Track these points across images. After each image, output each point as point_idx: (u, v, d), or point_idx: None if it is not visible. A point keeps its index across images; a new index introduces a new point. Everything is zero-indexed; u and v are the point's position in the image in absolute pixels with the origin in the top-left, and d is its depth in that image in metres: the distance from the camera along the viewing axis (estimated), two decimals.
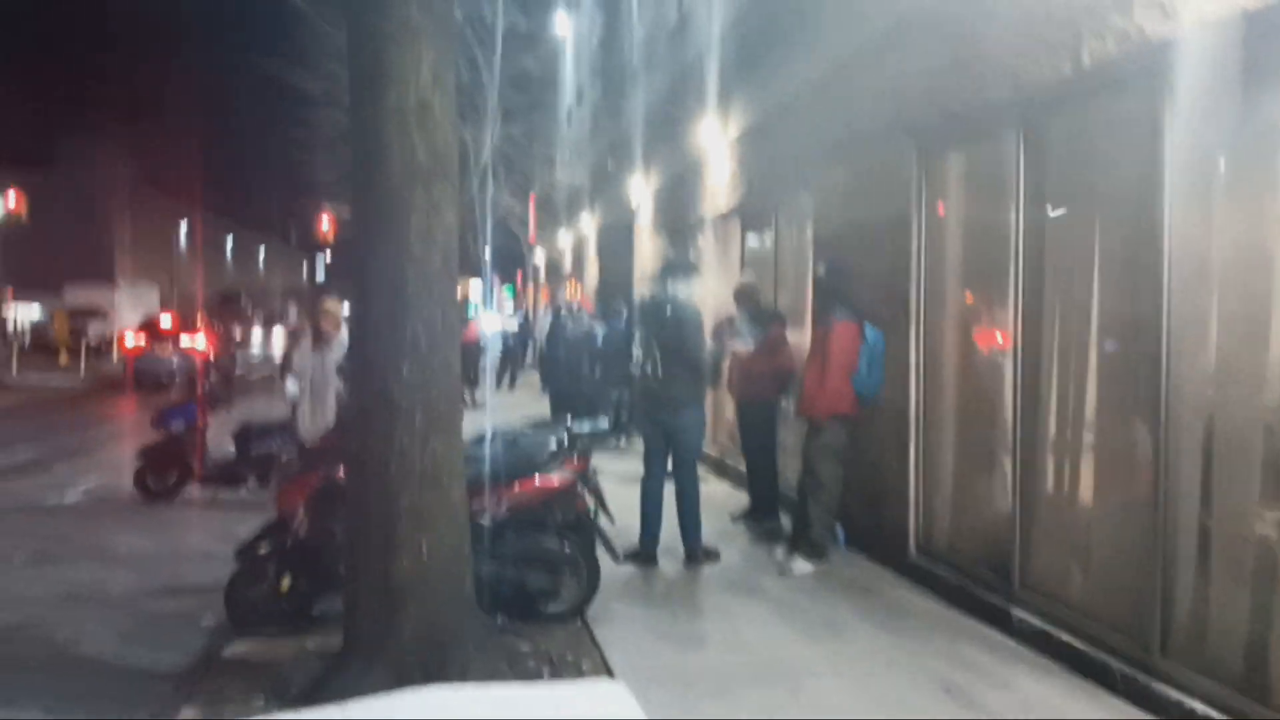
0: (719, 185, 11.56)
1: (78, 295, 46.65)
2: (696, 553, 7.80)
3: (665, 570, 7.66)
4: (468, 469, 5.46)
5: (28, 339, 42.98)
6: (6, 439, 16.83)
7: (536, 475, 6.39)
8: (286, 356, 17.66)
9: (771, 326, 8.93)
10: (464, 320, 22.59)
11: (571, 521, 6.49)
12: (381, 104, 4.93)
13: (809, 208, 9.06)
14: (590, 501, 6.59)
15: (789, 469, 8.93)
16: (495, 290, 39.48)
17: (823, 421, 7.48)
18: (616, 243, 17.20)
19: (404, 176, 4.95)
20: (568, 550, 6.38)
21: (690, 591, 7.22)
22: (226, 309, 57.91)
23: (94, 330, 41.04)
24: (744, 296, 9.08)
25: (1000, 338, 6.33)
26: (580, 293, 34.35)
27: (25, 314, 49.10)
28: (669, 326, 7.60)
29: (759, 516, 8.92)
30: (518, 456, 6.41)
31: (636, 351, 9.87)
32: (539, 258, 37.47)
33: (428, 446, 4.99)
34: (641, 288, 16.02)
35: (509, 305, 43.40)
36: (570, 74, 21.70)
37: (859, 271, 7.67)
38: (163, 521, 10.45)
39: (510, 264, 41.66)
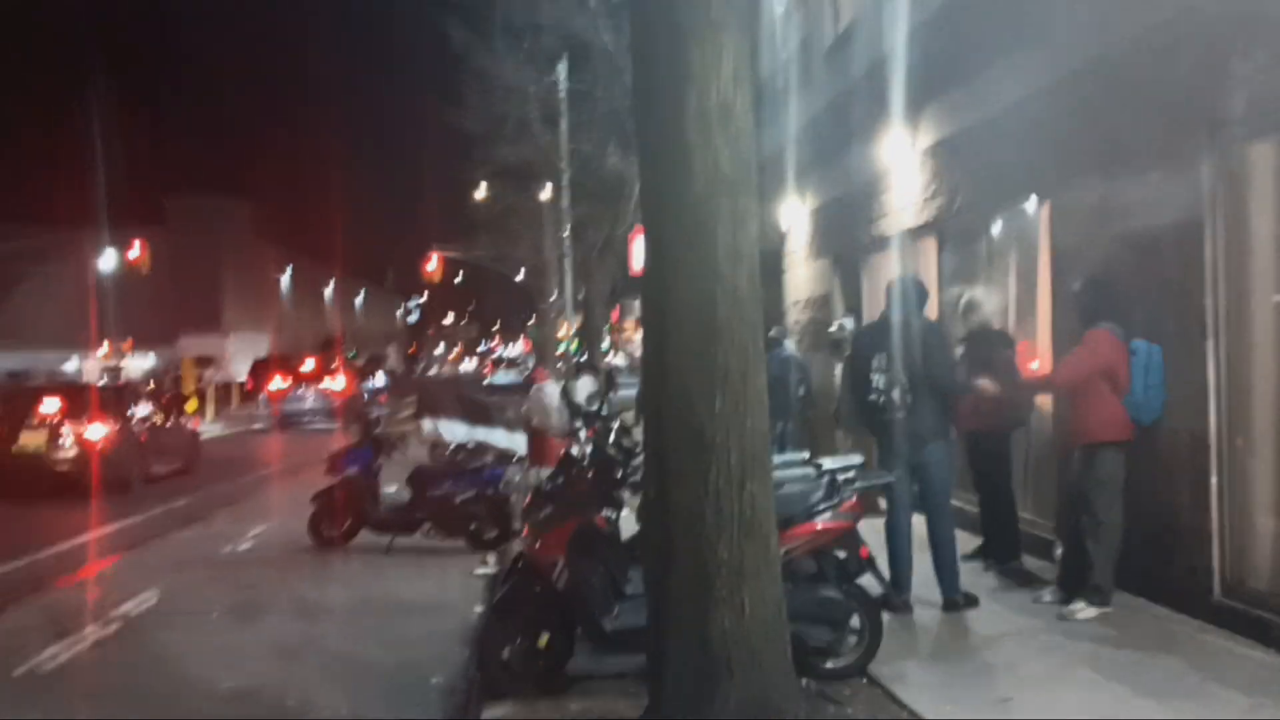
0: (904, 201, 10.91)
1: (193, 344, 47.65)
2: (957, 599, 7.11)
3: (924, 619, 6.97)
4: None
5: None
6: (163, 488, 16.78)
7: (814, 520, 5.79)
8: (422, 398, 17.48)
9: (1000, 350, 8.22)
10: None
11: (852, 570, 5.88)
12: (681, 107, 4.43)
13: (1041, 218, 8.37)
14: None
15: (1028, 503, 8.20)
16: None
17: (1095, 450, 6.76)
18: (762, 270, 16.60)
19: (708, 187, 4.43)
20: (850, 601, 5.76)
21: (968, 643, 6.53)
22: (327, 353, 58.86)
23: (208, 378, 41.87)
24: (967, 316, 8.38)
25: None
26: None
27: (140, 364, 50.29)
28: (912, 352, 6.95)
29: (999, 557, 8.18)
30: (788, 500, 5.80)
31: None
32: None
33: (744, 490, 4.43)
34: (798, 315, 15.40)
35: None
36: None
37: (1127, 283, 6.96)
38: (346, 569, 10.12)
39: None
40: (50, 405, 16.04)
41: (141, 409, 17.64)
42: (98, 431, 15.78)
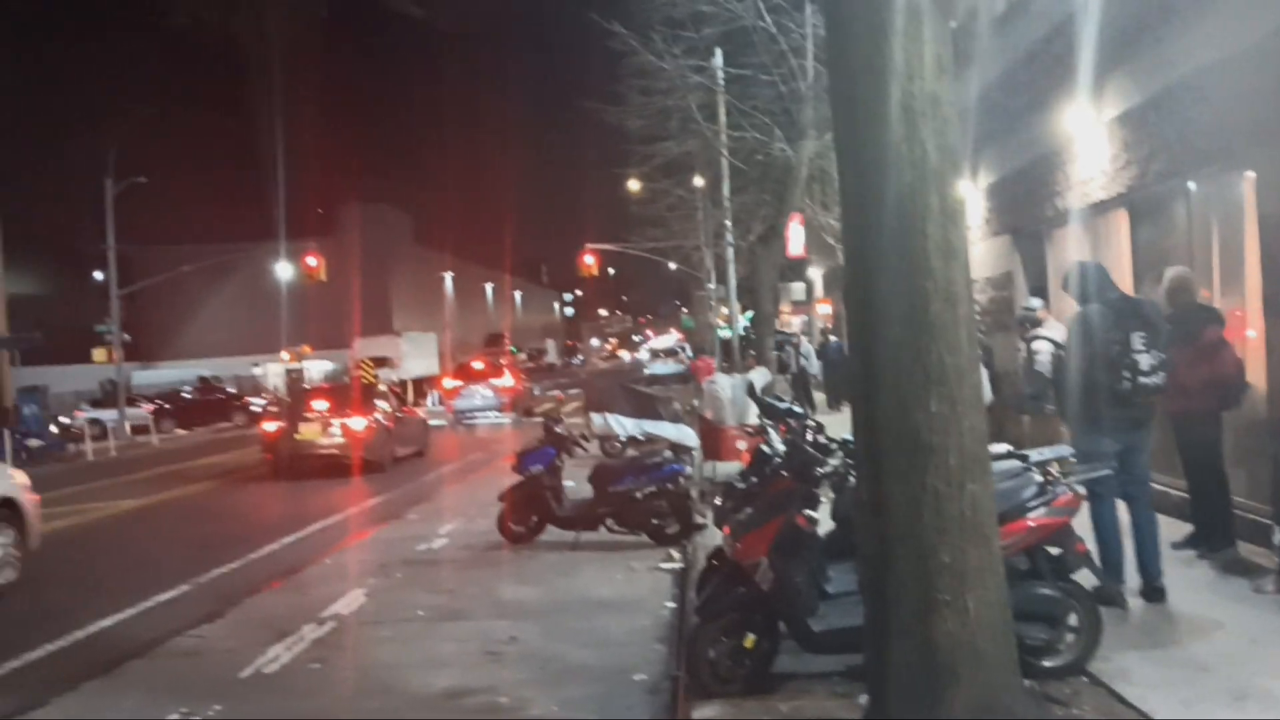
0: (1090, 173, 10.43)
1: (368, 346, 49.51)
2: (1161, 587, 6.81)
3: (1136, 611, 6.66)
4: None
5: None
6: (352, 487, 17.56)
7: (1027, 516, 5.60)
8: (589, 394, 17.63)
9: (1208, 327, 7.76)
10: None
11: (1068, 565, 5.66)
12: (883, 101, 4.32)
13: (1245, 187, 7.87)
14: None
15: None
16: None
17: None
18: None
19: (916, 181, 4.31)
20: (1067, 598, 5.55)
21: (1186, 636, 6.21)
22: (493, 349, 60.46)
23: (384, 377, 43.51)
24: (1177, 292, 7.93)
25: None
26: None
27: (320, 367, 52.63)
28: (1153, 330, 6.63)
29: (1213, 544, 7.75)
30: (998, 496, 5.62)
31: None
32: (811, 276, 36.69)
33: (965, 491, 4.30)
34: (976, 295, 14.92)
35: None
36: None
37: None
38: (536, 567, 10.31)
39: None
40: (321, 403, 19.95)
41: (384, 404, 20.97)
42: (358, 423, 19.41)
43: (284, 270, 48.68)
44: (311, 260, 35.39)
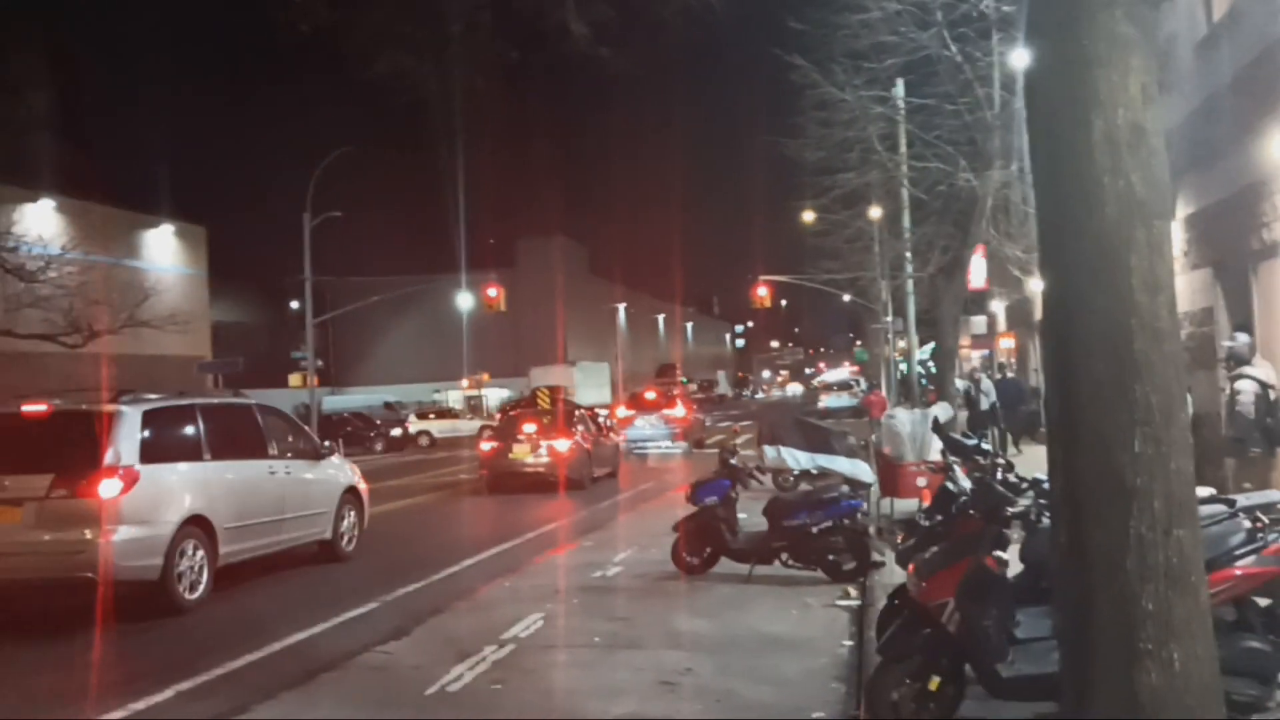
0: None
1: (542, 376, 50.74)
2: None
3: None
4: None
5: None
6: (526, 514, 17.97)
7: (1235, 565, 5.29)
8: (761, 426, 17.61)
9: None
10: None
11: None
12: (1086, 133, 4.18)
13: None
14: None
15: None
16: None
17: None
18: None
19: (1120, 213, 4.16)
20: (1278, 652, 5.21)
21: None
22: (664, 380, 60.94)
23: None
24: None
25: None
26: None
27: (498, 394, 54.26)
28: None
29: None
30: (1207, 541, 5.33)
31: None
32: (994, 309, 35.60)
33: (1171, 537, 4.09)
34: None
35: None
36: None
37: None
38: (710, 599, 10.30)
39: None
40: (530, 427, 22.17)
41: (583, 427, 23.26)
42: (563, 445, 21.58)
43: (465, 300, 50.42)
44: (491, 291, 36.57)
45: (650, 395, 34.92)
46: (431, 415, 49.23)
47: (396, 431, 43.15)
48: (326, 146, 34.53)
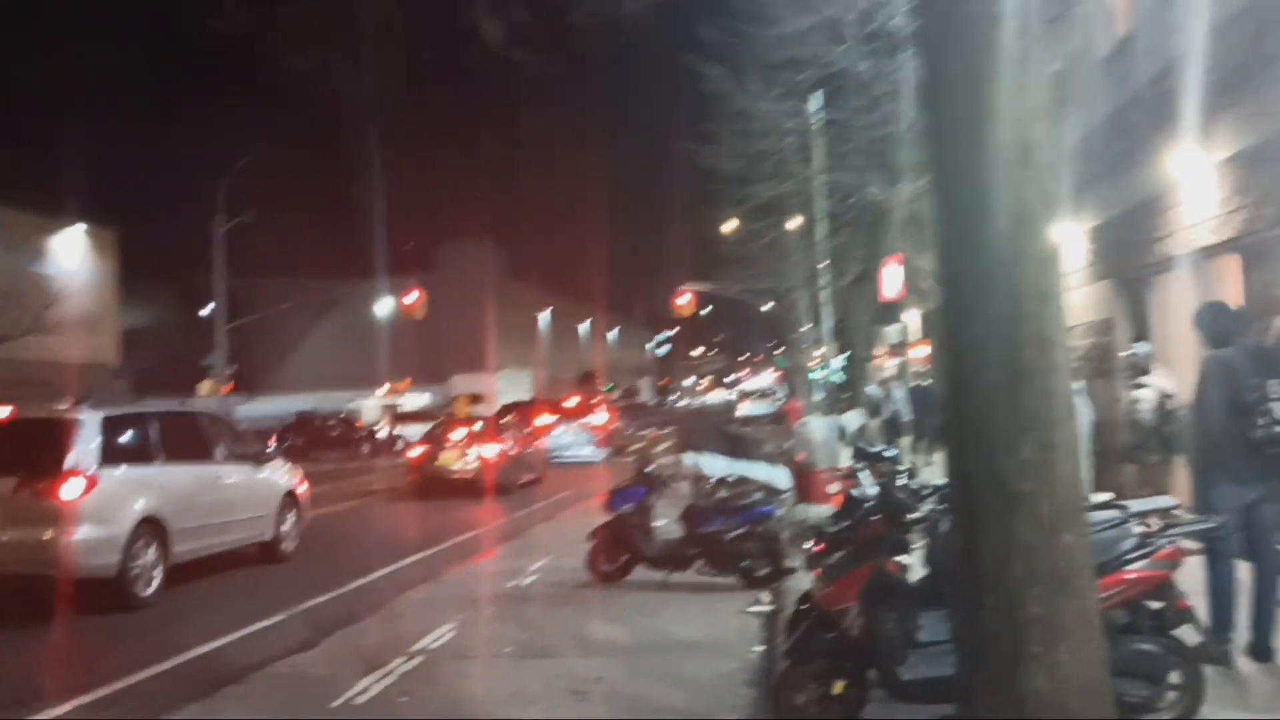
0: (1197, 217, 10.17)
1: (462, 383, 50.38)
2: (1271, 646, 6.55)
3: (1242, 670, 6.42)
4: None
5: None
6: (446, 520, 17.80)
7: (1125, 570, 5.44)
8: (681, 433, 17.59)
9: None
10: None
11: (1169, 620, 5.49)
12: (980, 146, 4.29)
13: None
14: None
15: None
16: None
17: None
18: None
19: (1011, 225, 4.26)
20: (1170, 657, 5.37)
21: None
22: (586, 387, 60.88)
23: (478, 412, 44.10)
24: None
25: None
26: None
27: (416, 402, 53.68)
28: (1260, 386, 6.42)
29: None
30: (1097, 547, 5.47)
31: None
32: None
33: (1058, 542, 4.20)
34: (1075, 341, 14.59)
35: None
36: None
37: None
38: (624, 606, 10.29)
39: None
40: (459, 433, 22.71)
41: (511, 434, 23.79)
42: (491, 451, 22.07)
43: (383, 306, 49.84)
44: (411, 296, 36.16)
45: (571, 402, 34.89)
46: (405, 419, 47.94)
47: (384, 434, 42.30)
48: (244, 149, 33.90)
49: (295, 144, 54.51)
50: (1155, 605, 5.57)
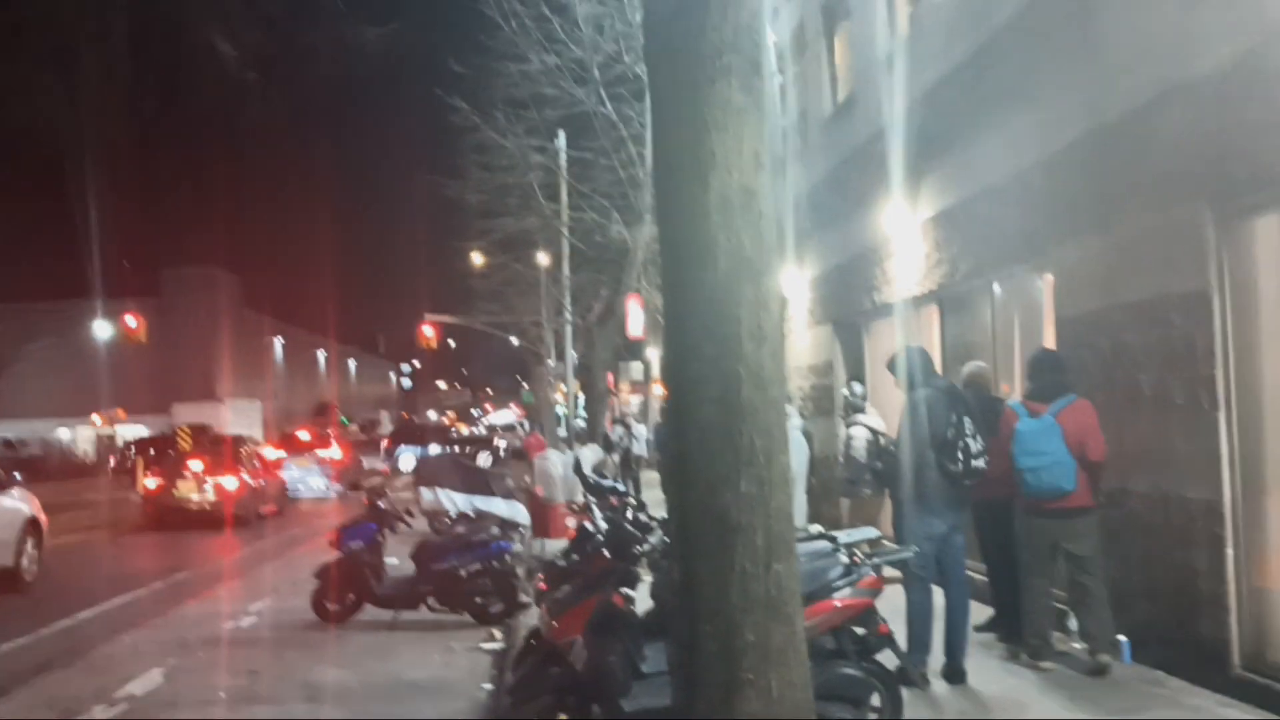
0: (906, 269, 11.02)
1: (185, 413, 47.43)
2: (962, 668, 7.11)
3: (938, 692, 6.93)
4: None
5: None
6: (153, 561, 16.65)
7: (833, 597, 5.75)
8: (419, 468, 17.30)
9: (1002, 419, 8.22)
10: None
11: (871, 645, 5.84)
12: (704, 192, 4.47)
13: (1044, 288, 8.46)
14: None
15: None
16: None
17: (1088, 514, 7.03)
18: None
19: (731, 270, 4.46)
20: (872, 680, 5.71)
21: (981, 713, 6.49)
22: (321, 419, 58.74)
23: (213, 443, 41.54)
24: (972, 386, 8.40)
25: None
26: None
27: (134, 432, 50.07)
28: (975, 418, 7.00)
29: (1013, 627, 8.12)
30: (805, 576, 5.77)
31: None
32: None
33: (770, 571, 4.40)
34: (799, 382, 15.43)
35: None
36: None
37: (1134, 353, 7.03)
38: (351, 648, 9.96)
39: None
40: (197, 464, 22.07)
41: (249, 466, 23.22)
42: (231, 482, 21.64)
43: (101, 330, 46.37)
44: (131, 320, 33.85)
45: (304, 435, 33.56)
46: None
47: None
48: None
49: (14, 162, 49.95)
50: (859, 631, 5.92)
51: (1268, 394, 6.24)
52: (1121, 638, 7.18)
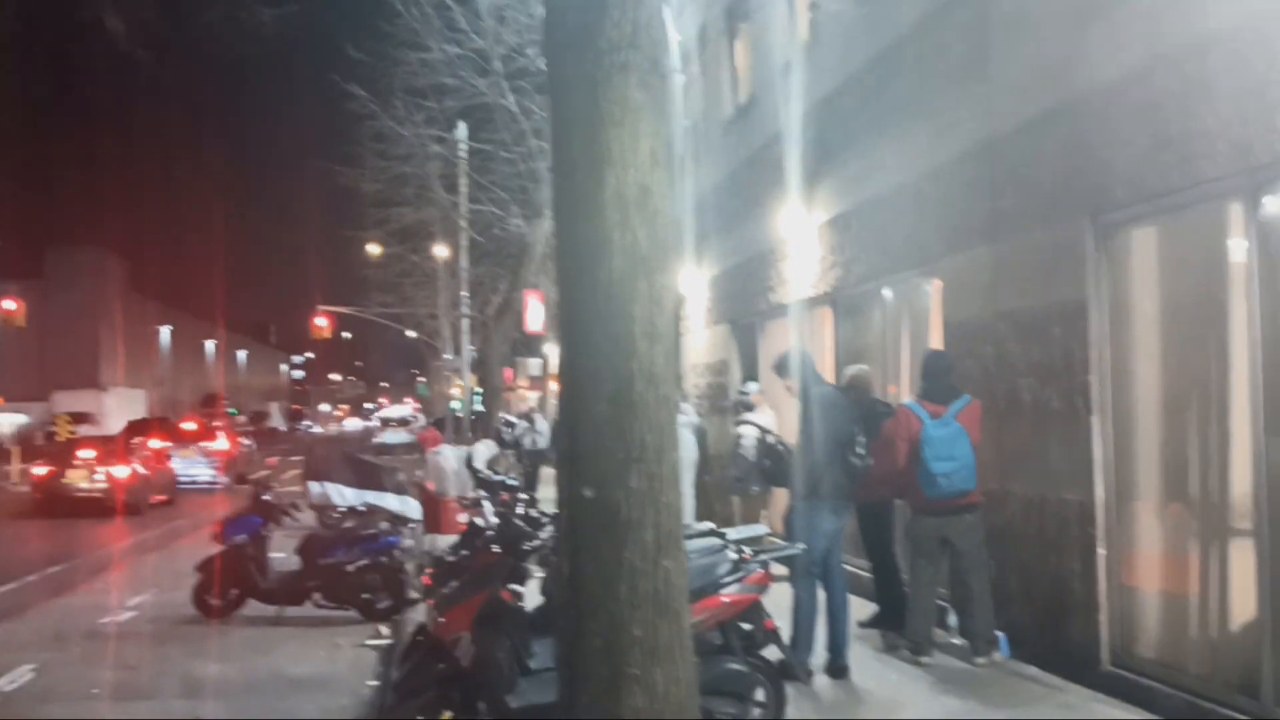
0: (801, 271, 11.19)
1: (66, 401, 45.72)
2: (845, 664, 7.27)
3: (821, 687, 7.06)
4: None
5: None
6: (32, 551, 16.01)
7: (721, 593, 5.81)
8: (309, 461, 16.98)
9: (884, 422, 8.39)
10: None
11: (757, 641, 5.92)
12: (600, 188, 4.47)
13: (932, 294, 8.67)
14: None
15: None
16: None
17: (976, 510, 7.22)
18: None
19: (626, 266, 4.47)
20: (757, 675, 5.79)
21: (861, 708, 6.64)
22: (208, 410, 57.15)
23: (82, 434, 40.07)
24: (854, 389, 8.54)
25: (1229, 423, 5.86)
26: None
27: (11, 420, 48.05)
28: (854, 421, 7.15)
29: (894, 624, 8.32)
30: (694, 572, 5.81)
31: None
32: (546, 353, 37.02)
33: (659, 567, 4.42)
34: (695, 380, 15.55)
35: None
36: None
37: (1013, 360, 7.27)
38: (232, 644, 9.72)
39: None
40: (88, 453, 22.06)
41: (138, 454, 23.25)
42: (122, 471, 21.55)
43: None
44: (10, 303, 32.48)
45: (189, 426, 32.61)
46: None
47: None
48: None
49: None
50: (746, 626, 5.99)
51: (1140, 401, 6.50)
52: (1000, 634, 7.41)
